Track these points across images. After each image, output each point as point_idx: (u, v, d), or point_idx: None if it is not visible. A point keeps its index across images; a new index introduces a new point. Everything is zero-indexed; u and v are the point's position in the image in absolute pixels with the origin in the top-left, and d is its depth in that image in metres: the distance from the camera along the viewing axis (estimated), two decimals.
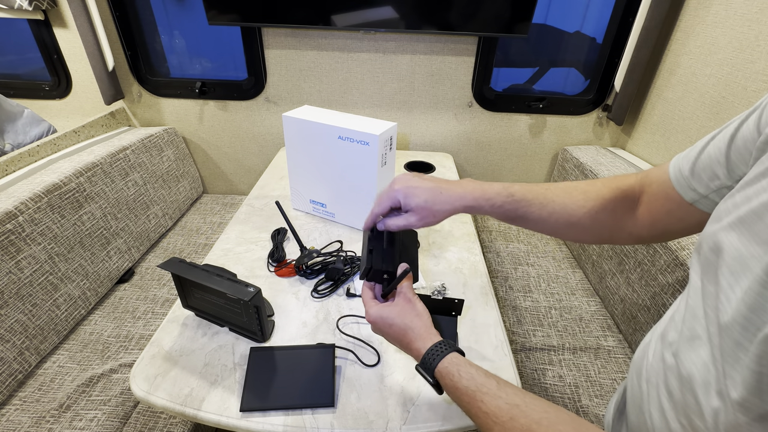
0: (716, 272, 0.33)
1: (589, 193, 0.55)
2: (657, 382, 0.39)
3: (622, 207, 0.53)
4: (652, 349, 0.42)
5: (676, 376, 0.36)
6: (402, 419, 0.61)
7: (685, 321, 0.37)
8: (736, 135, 0.38)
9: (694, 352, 0.34)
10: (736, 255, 0.31)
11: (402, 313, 0.53)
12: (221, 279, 0.68)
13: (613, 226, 0.54)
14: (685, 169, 0.44)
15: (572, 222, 0.55)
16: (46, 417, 0.85)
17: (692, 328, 0.35)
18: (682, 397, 0.35)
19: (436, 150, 1.66)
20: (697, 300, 0.35)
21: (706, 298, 0.34)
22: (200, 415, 0.61)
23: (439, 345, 0.48)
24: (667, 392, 0.37)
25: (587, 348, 1.06)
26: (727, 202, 0.34)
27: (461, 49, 1.44)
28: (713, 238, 0.34)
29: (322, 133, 0.94)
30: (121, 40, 1.45)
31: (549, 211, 0.55)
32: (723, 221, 0.33)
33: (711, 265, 0.34)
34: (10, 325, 0.90)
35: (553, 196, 0.55)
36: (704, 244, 0.35)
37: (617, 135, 1.59)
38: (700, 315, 0.34)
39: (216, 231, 1.50)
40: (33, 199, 0.98)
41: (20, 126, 1.32)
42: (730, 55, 1.06)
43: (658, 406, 0.38)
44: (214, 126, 1.64)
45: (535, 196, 0.55)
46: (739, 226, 0.31)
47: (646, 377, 0.41)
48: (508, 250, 1.44)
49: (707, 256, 0.34)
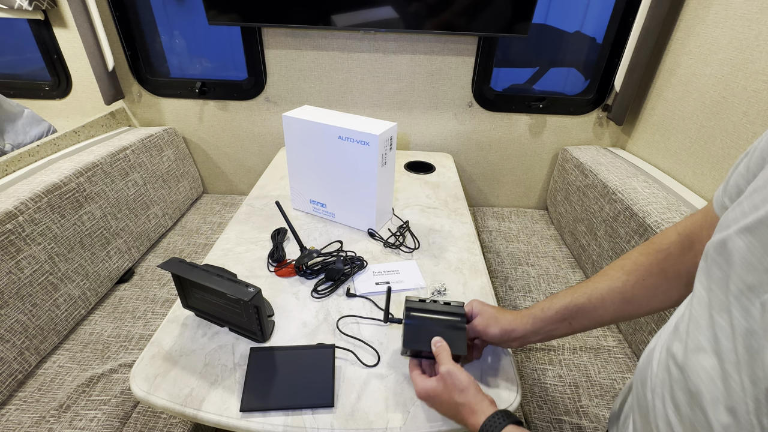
0: (726, 281, 0.32)
1: (626, 267, 0.55)
2: (663, 394, 0.38)
3: (673, 265, 0.51)
4: (656, 358, 0.41)
5: (683, 390, 0.35)
6: (402, 419, 0.61)
7: (689, 332, 0.36)
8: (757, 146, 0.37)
9: (700, 365, 0.33)
10: (746, 264, 0.30)
11: (447, 389, 0.54)
12: (221, 279, 0.68)
13: (672, 285, 0.52)
14: (726, 201, 0.43)
15: (626, 298, 0.55)
16: (46, 417, 0.85)
17: (696, 339, 0.34)
18: (690, 412, 0.34)
19: (436, 150, 1.66)
20: (701, 310, 0.34)
21: (715, 307, 0.33)
22: (200, 415, 0.61)
23: (494, 418, 0.49)
24: (673, 405, 0.36)
25: (587, 348, 1.06)
26: (735, 210, 0.34)
27: (461, 49, 1.44)
28: (721, 245, 0.33)
29: (322, 133, 0.94)
30: (121, 40, 1.45)
31: (599, 297, 0.56)
32: (731, 229, 0.32)
33: (720, 274, 0.33)
34: (10, 325, 0.90)
35: (593, 284, 0.57)
36: (711, 251, 0.35)
37: (617, 135, 1.59)
38: (704, 325, 0.34)
39: (216, 231, 1.50)
40: (33, 199, 0.98)
41: (20, 126, 1.32)
42: (730, 55, 1.06)
43: (664, 418, 0.37)
44: (214, 126, 1.64)
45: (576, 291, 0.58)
46: (748, 234, 0.30)
47: (652, 387, 0.40)
48: (508, 250, 1.44)
49: (715, 265, 0.34)
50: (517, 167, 1.70)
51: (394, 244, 0.99)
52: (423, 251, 0.98)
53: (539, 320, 0.61)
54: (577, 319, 0.59)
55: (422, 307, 0.65)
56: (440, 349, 0.59)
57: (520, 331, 0.62)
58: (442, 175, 1.40)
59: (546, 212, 1.71)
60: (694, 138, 1.18)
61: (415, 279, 0.89)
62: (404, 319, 0.64)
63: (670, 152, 1.29)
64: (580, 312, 0.58)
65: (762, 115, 0.97)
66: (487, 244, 1.47)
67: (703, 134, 1.15)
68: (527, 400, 0.94)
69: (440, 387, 0.55)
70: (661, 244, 0.53)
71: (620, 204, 1.14)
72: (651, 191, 1.13)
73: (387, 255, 0.97)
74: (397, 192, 1.26)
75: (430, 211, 1.15)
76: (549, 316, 0.60)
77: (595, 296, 0.57)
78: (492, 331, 0.63)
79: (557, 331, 0.60)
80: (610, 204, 1.19)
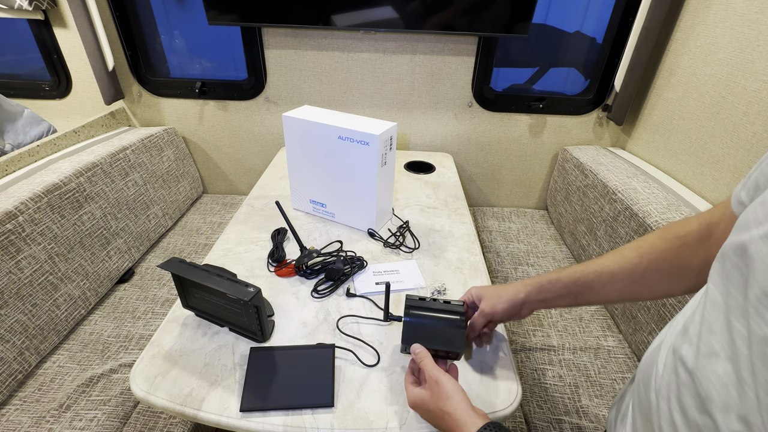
0: (745, 286, 0.30)
1: (641, 249, 0.55)
2: (669, 396, 0.37)
3: (688, 254, 0.51)
4: (662, 359, 0.40)
5: (693, 394, 0.34)
6: (402, 419, 0.61)
7: (701, 336, 0.34)
8: None
9: (712, 370, 0.32)
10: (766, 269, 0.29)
11: (434, 397, 0.54)
12: (221, 279, 0.68)
13: (683, 274, 0.52)
14: (743, 196, 0.41)
15: (636, 280, 0.54)
16: (46, 417, 0.85)
17: (709, 344, 0.33)
18: (697, 417, 0.33)
19: (436, 150, 1.66)
20: (715, 314, 0.33)
21: (733, 311, 0.32)
22: (200, 415, 0.61)
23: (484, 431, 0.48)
24: (680, 409, 0.35)
25: (587, 348, 1.06)
26: (756, 210, 0.32)
27: (461, 49, 1.44)
28: (742, 249, 0.31)
29: (322, 133, 0.94)
30: (121, 40, 1.46)
31: (608, 275, 0.56)
32: (752, 231, 0.31)
33: (739, 278, 0.31)
34: (10, 325, 0.90)
35: (605, 262, 0.57)
36: (730, 253, 0.33)
37: (617, 135, 1.59)
38: (718, 330, 0.33)
39: (216, 231, 1.50)
40: (33, 199, 0.98)
41: (20, 126, 1.32)
42: (730, 55, 1.06)
43: (669, 420, 0.36)
44: (214, 126, 1.64)
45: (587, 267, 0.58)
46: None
47: (656, 389, 0.39)
48: (508, 250, 1.44)
49: (734, 268, 0.32)
50: (517, 167, 1.70)
51: (394, 244, 0.99)
52: (423, 251, 0.98)
53: (545, 290, 0.62)
54: (584, 295, 0.59)
55: (422, 305, 0.66)
56: (420, 356, 0.58)
57: (526, 299, 0.63)
58: (442, 175, 1.40)
59: (546, 212, 1.71)
60: (694, 138, 1.18)
61: (415, 279, 0.89)
62: (404, 316, 0.64)
63: (670, 152, 1.29)
64: (587, 288, 0.58)
65: (762, 115, 0.97)
66: (487, 244, 1.47)
67: (703, 134, 1.15)
68: (527, 400, 0.94)
69: (427, 395, 0.55)
70: (680, 231, 0.52)
71: (620, 204, 1.14)
72: (651, 191, 1.13)
73: (387, 255, 0.97)
74: (397, 192, 1.26)
75: (430, 211, 1.15)
76: (557, 288, 0.61)
77: (605, 274, 0.57)
78: (500, 308, 0.64)
79: (561, 302, 0.61)
80: (610, 204, 1.19)
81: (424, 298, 0.67)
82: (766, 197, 0.32)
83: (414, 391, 0.57)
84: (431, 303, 0.66)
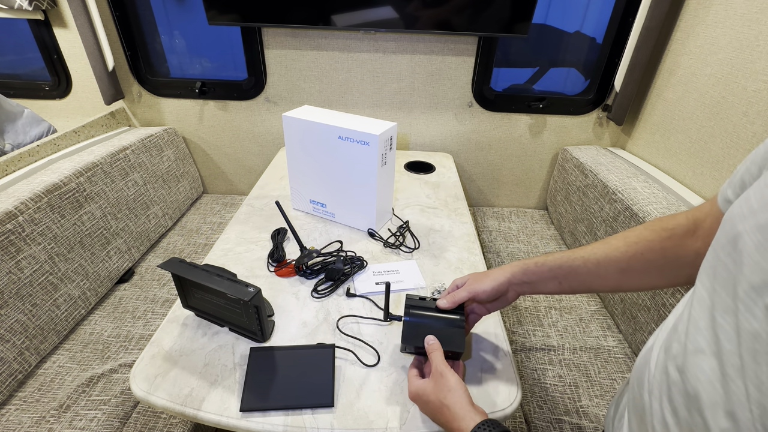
0: (733, 283, 0.31)
1: (629, 238, 0.55)
2: (660, 396, 0.37)
3: (674, 246, 0.52)
4: (654, 358, 0.40)
5: (682, 393, 0.34)
6: (402, 419, 0.61)
7: (688, 333, 0.35)
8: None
9: (698, 368, 0.33)
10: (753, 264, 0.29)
11: (436, 389, 0.54)
12: (221, 279, 0.68)
13: (668, 266, 0.53)
14: (730, 193, 0.42)
15: (622, 268, 0.55)
16: (46, 417, 0.85)
17: (695, 341, 0.34)
18: (687, 416, 0.33)
19: (436, 150, 1.66)
20: (701, 311, 0.34)
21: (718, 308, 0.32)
22: (200, 415, 0.61)
23: (481, 427, 0.48)
24: (671, 408, 0.35)
25: (587, 348, 1.06)
26: (741, 205, 0.32)
27: (461, 49, 1.44)
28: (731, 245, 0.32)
29: (322, 133, 0.94)
30: (121, 40, 1.46)
31: (594, 262, 0.56)
32: (739, 227, 0.31)
33: (726, 275, 0.32)
34: (10, 325, 0.90)
35: (592, 249, 0.57)
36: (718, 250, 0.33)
37: (617, 135, 1.59)
38: (703, 327, 0.33)
39: (216, 231, 1.50)
40: (33, 199, 0.98)
41: (20, 126, 1.32)
42: (730, 55, 1.06)
43: (661, 420, 0.37)
44: (214, 126, 1.64)
45: (574, 252, 0.58)
46: (758, 233, 0.29)
47: (649, 389, 0.39)
48: (508, 250, 1.44)
49: (721, 265, 0.33)
50: (517, 167, 1.70)
51: (394, 244, 0.99)
52: (423, 251, 0.98)
53: (531, 273, 0.61)
54: (568, 280, 0.59)
55: (422, 304, 0.66)
56: (432, 347, 0.59)
57: (512, 278, 0.62)
58: (442, 175, 1.40)
59: (546, 212, 1.71)
60: (694, 138, 1.18)
61: (415, 279, 0.89)
62: (404, 316, 0.64)
63: (670, 152, 1.29)
64: (572, 273, 0.58)
65: (762, 115, 0.97)
66: (487, 244, 1.47)
67: (703, 134, 1.15)
68: (527, 400, 0.94)
69: (430, 387, 0.55)
70: (668, 224, 0.53)
71: (620, 204, 1.14)
72: (651, 191, 1.13)
73: (387, 255, 0.97)
74: (397, 192, 1.26)
75: (430, 211, 1.15)
76: (542, 271, 0.60)
77: (591, 261, 0.57)
78: (484, 287, 0.62)
79: (546, 287, 0.61)
80: (610, 204, 1.19)
81: (424, 298, 0.67)
82: (750, 194, 0.32)
83: (416, 382, 0.57)
84: (431, 303, 0.66)
